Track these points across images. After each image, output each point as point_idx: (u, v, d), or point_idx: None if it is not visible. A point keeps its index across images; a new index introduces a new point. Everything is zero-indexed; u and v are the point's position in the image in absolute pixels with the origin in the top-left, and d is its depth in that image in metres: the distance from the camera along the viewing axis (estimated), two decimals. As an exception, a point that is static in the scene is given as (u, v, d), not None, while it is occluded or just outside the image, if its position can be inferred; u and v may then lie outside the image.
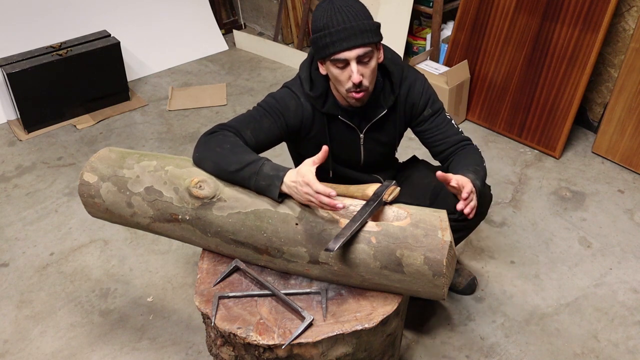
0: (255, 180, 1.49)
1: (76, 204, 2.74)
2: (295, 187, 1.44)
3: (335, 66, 1.58)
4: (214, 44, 4.26)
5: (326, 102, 1.71)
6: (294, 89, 1.73)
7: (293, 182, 1.45)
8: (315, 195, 1.40)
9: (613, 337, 2.05)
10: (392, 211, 1.52)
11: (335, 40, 1.53)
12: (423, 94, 1.78)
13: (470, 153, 1.79)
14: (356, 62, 1.55)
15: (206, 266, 1.62)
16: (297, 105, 1.71)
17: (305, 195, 1.42)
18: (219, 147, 1.56)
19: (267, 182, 1.48)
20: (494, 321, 2.12)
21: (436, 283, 1.41)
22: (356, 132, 1.79)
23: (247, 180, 1.50)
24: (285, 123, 1.70)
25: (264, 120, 1.67)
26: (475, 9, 3.15)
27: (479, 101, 3.25)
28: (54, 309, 2.20)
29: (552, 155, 3.00)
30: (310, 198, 1.41)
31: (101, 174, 1.64)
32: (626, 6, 2.82)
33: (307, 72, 1.71)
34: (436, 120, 1.80)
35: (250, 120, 1.67)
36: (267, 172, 1.48)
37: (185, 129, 3.35)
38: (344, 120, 1.74)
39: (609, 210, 2.64)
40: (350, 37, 1.52)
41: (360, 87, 1.59)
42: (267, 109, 1.69)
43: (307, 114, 1.72)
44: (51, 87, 3.30)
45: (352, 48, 1.53)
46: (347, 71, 1.57)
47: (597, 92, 3.11)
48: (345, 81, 1.59)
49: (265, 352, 1.42)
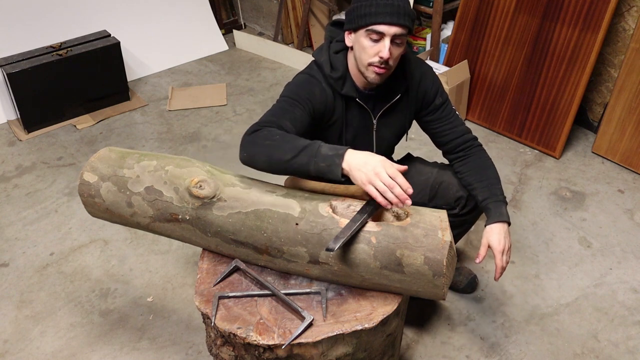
0: (315, 162, 1.43)
1: (76, 204, 2.74)
2: (364, 163, 1.38)
3: (368, 37, 1.58)
4: (214, 44, 4.26)
5: (345, 84, 1.72)
6: (312, 73, 1.72)
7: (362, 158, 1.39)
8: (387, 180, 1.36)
9: (613, 337, 2.05)
10: (392, 211, 1.52)
11: (380, 12, 1.54)
12: (434, 82, 1.81)
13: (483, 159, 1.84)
14: (390, 40, 1.57)
15: (206, 266, 1.62)
16: (321, 90, 1.70)
17: (373, 175, 1.37)
18: (268, 140, 1.50)
19: (327, 162, 1.42)
20: (494, 321, 2.12)
21: (436, 283, 1.41)
22: (370, 118, 1.79)
23: (306, 165, 1.44)
24: (312, 109, 1.68)
25: (295, 109, 1.64)
26: (475, 9, 3.15)
27: (479, 101, 3.25)
28: (54, 309, 2.20)
29: (552, 155, 3.00)
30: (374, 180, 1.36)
31: (101, 173, 1.64)
32: (626, 6, 2.82)
33: (326, 55, 1.72)
34: (445, 110, 1.83)
35: (284, 112, 1.63)
36: (325, 152, 1.43)
37: (185, 129, 3.35)
38: (360, 102, 1.75)
39: (609, 210, 2.64)
40: (394, 14, 1.54)
41: (385, 64, 1.60)
42: (294, 97, 1.66)
43: (329, 99, 1.72)
44: (51, 87, 3.30)
45: (393, 24, 1.55)
46: (379, 46, 1.58)
47: (597, 92, 3.11)
48: (372, 54, 1.60)
49: (265, 352, 1.42)
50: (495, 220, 1.72)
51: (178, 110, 3.54)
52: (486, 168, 1.83)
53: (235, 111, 3.52)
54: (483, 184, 1.79)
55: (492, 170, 1.83)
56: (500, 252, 1.69)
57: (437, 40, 3.42)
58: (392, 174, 1.38)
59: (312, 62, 1.76)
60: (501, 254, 1.69)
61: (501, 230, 1.70)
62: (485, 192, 1.77)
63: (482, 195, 1.77)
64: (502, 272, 1.71)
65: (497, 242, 1.69)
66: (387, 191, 1.37)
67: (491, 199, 1.76)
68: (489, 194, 1.77)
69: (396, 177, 1.38)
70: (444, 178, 1.89)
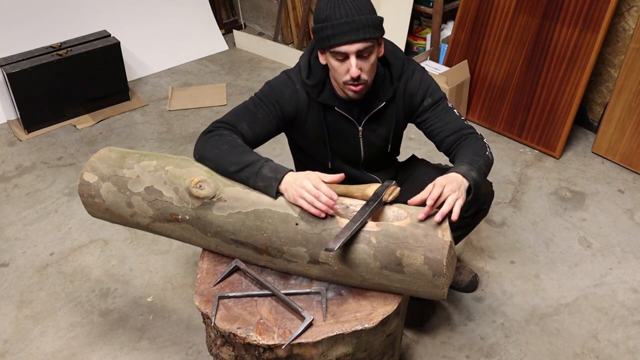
0: (254, 181, 1.52)
1: (76, 204, 2.74)
2: (293, 182, 1.47)
3: (334, 58, 1.58)
4: (214, 44, 4.26)
5: (322, 91, 1.71)
6: (291, 75, 1.73)
7: (293, 178, 1.48)
8: (313, 191, 1.43)
9: (613, 337, 2.05)
10: (392, 211, 1.52)
11: (337, 33, 1.52)
12: (421, 83, 1.75)
13: (471, 142, 1.69)
14: (356, 56, 1.55)
15: (206, 266, 1.62)
16: (292, 92, 1.70)
17: (300, 189, 1.44)
18: (217, 149, 1.57)
19: (265, 183, 1.51)
20: (494, 321, 2.12)
21: (436, 283, 1.41)
22: (354, 125, 1.78)
23: (247, 181, 1.54)
24: (280, 111, 1.70)
25: (258, 111, 1.68)
26: (475, 9, 3.15)
27: (479, 101, 3.25)
28: (54, 309, 2.20)
29: (552, 155, 3.00)
30: (302, 192, 1.44)
31: (101, 173, 1.64)
32: (626, 6, 2.82)
33: (306, 59, 1.71)
34: (437, 109, 1.76)
35: (246, 113, 1.68)
36: (265, 174, 1.51)
37: (185, 129, 3.35)
38: (340, 111, 1.74)
39: (609, 210, 2.64)
40: (352, 31, 1.52)
41: (358, 81, 1.59)
42: (262, 98, 1.70)
43: (302, 102, 1.72)
44: (51, 87, 3.30)
45: (352, 42, 1.53)
46: (346, 64, 1.57)
47: (597, 92, 3.11)
48: (343, 74, 1.59)
49: (265, 352, 1.42)
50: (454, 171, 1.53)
51: (178, 110, 3.54)
52: (469, 146, 1.67)
53: (235, 111, 3.52)
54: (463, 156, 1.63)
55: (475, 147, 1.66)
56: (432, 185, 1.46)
57: (437, 40, 3.42)
58: (315, 184, 1.45)
59: (297, 62, 1.76)
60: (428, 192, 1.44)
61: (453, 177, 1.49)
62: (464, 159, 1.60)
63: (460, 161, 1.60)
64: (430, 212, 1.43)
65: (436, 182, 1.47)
66: (315, 200, 1.44)
67: (460, 161, 1.59)
68: (460, 161, 1.59)
69: (319, 186, 1.45)
70: None
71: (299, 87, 1.71)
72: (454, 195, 1.45)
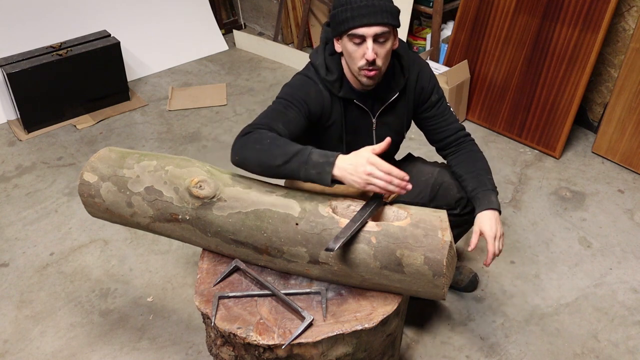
0: (305, 169, 1.45)
1: (76, 204, 2.74)
2: (354, 168, 1.41)
3: (351, 42, 1.58)
4: (214, 44, 4.27)
5: (342, 86, 1.72)
6: (309, 75, 1.72)
7: (350, 163, 1.42)
8: (383, 176, 1.40)
9: (613, 337, 2.05)
10: (392, 211, 1.52)
11: (356, 15, 1.54)
12: (431, 78, 1.82)
13: (475, 154, 1.84)
14: (372, 40, 1.56)
15: (206, 266, 1.62)
16: (317, 91, 1.70)
17: (367, 176, 1.40)
18: (259, 144, 1.51)
19: (317, 169, 1.44)
20: (494, 321, 2.12)
21: (436, 283, 1.41)
22: (369, 118, 1.79)
23: (297, 172, 1.46)
24: (308, 110, 1.68)
25: (289, 111, 1.65)
26: (475, 9, 3.15)
27: (479, 101, 3.25)
28: (54, 309, 2.20)
29: (552, 155, 3.00)
30: (371, 179, 1.40)
31: (101, 173, 1.64)
32: (626, 6, 2.82)
33: (321, 57, 1.72)
34: (441, 107, 1.84)
35: (278, 114, 1.63)
36: (316, 159, 1.44)
37: (185, 129, 3.35)
38: (359, 104, 1.75)
39: (609, 210, 2.64)
40: (371, 14, 1.54)
41: (373, 66, 1.60)
42: (289, 99, 1.66)
43: (326, 101, 1.72)
44: (51, 87, 3.30)
45: (371, 25, 1.54)
46: (362, 48, 1.58)
47: (597, 92, 3.11)
48: (359, 58, 1.60)
49: (265, 352, 1.42)
50: (485, 208, 1.71)
51: (178, 110, 3.54)
52: (476, 160, 1.84)
53: (235, 111, 3.52)
54: (472, 175, 1.79)
55: (482, 162, 1.84)
56: (492, 238, 1.68)
57: (437, 40, 3.42)
58: (379, 167, 1.42)
59: (309, 63, 1.76)
60: (493, 240, 1.68)
61: (492, 216, 1.70)
62: (474, 182, 1.78)
63: (471, 185, 1.78)
64: (493, 257, 1.69)
65: (489, 228, 1.68)
66: (388, 185, 1.41)
67: (480, 188, 1.76)
68: (477, 183, 1.77)
69: (384, 167, 1.42)
70: (445, 179, 1.89)
71: (321, 86, 1.71)
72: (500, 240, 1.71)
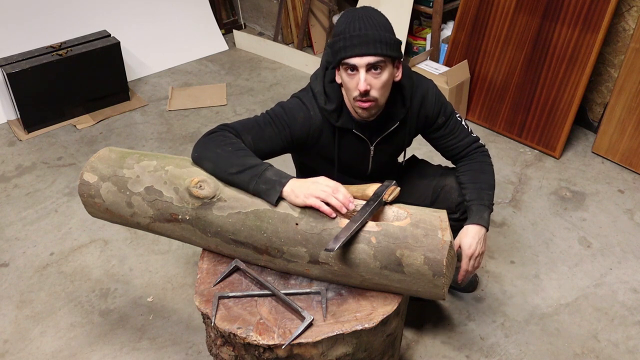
0: (256, 183, 1.48)
1: (76, 204, 2.74)
2: (302, 184, 1.44)
3: (345, 72, 1.57)
4: (214, 44, 4.26)
5: (340, 116, 1.69)
6: (305, 100, 1.70)
7: (301, 186, 1.45)
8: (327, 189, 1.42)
9: (613, 337, 2.05)
10: (392, 211, 1.52)
11: (348, 45, 1.52)
12: (435, 103, 1.78)
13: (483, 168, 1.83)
14: (365, 70, 1.54)
15: (206, 266, 1.62)
16: (305, 117, 1.68)
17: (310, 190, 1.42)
18: (219, 148, 1.54)
19: (267, 185, 1.47)
20: (494, 321, 2.12)
21: (436, 283, 1.41)
22: (367, 145, 1.77)
23: (247, 183, 1.49)
24: (290, 134, 1.68)
25: (267, 128, 1.65)
26: (475, 9, 3.15)
27: (479, 101, 3.25)
28: (54, 309, 2.20)
29: (552, 155, 3.00)
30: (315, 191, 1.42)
31: (101, 173, 1.64)
32: (626, 6, 2.82)
33: (321, 85, 1.69)
34: (449, 126, 1.81)
35: (254, 126, 1.65)
36: (269, 176, 1.48)
37: (185, 129, 3.35)
38: (357, 133, 1.72)
39: (609, 210, 2.64)
40: (362, 44, 1.51)
41: (366, 97, 1.57)
42: (273, 117, 1.67)
43: (314, 126, 1.70)
44: (51, 87, 3.30)
45: (362, 55, 1.52)
46: (356, 79, 1.56)
47: (597, 92, 3.11)
48: (353, 89, 1.57)
49: (265, 352, 1.42)
50: (473, 222, 1.71)
51: (178, 110, 3.54)
52: (482, 172, 1.82)
53: (235, 111, 3.52)
54: (475, 186, 1.79)
55: (487, 175, 1.82)
56: (467, 256, 1.69)
57: (437, 40, 3.42)
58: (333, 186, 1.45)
59: (309, 86, 1.73)
60: (469, 258, 1.69)
61: (476, 233, 1.70)
62: (474, 193, 1.77)
63: (470, 195, 1.78)
64: (465, 275, 1.71)
65: (467, 245, 1.69)
66: (329, 196, 1.43)
67: (477, 201, 1.75)
68: (476, 196, 1.77)
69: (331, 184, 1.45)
70: (447, 182, 1.89)
71: (313, 114, 1.68)
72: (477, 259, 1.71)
